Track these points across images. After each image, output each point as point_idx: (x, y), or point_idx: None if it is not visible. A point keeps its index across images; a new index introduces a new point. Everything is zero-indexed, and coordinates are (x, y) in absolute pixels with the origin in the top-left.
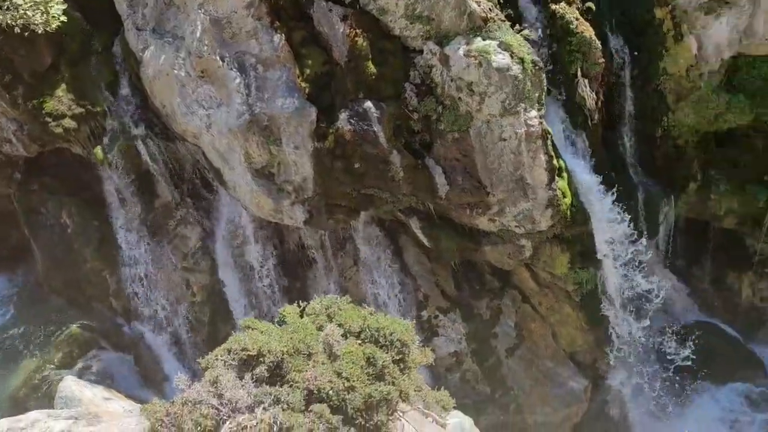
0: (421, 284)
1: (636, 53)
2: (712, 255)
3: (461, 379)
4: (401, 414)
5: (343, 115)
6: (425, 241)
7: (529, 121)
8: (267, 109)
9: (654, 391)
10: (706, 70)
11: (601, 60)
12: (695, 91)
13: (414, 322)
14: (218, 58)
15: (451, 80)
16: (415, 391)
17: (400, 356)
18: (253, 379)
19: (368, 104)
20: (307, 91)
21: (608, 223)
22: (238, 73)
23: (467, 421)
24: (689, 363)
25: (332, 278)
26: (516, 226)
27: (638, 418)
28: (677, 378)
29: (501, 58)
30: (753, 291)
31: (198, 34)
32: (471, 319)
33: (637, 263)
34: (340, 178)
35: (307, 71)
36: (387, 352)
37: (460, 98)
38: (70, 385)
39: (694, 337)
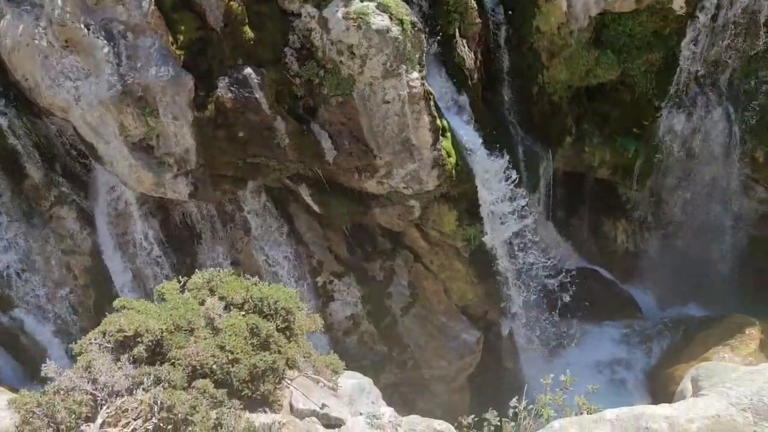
0: (314, 251)
1: (510, 13)
2: (589, 205)
3: (359, 341)
4: (289, 381)
5: (223, 83)
6: (315, 207)
7: (411, 83)
8: (140, 78)
9: (542, 336)
10: (576, 27)
11: (478, 20)
12: (567, 48)
13: (309, 288)
14: (82, 26)
15: (332, 44)
16: (304, 357)
17: (286, 324)
18: (131, 360)
19: (248, 70)
20: (182, 58)
21: (490, 180)
22: (105, 42)
23: (366, 382)
24: (573, 307)
25: (223, 251)
26: (404, 188)
27: (528, 363)
28: (563, 322)
29: (380, 20)
30: (627, 237)
31: (59, 1)
32: (365, 282)
33: (520, 217)
34: (223, 148)
35: (181, 38)
36: (272, 321)
37: (341, 62)
38: None
39: (576, 282)
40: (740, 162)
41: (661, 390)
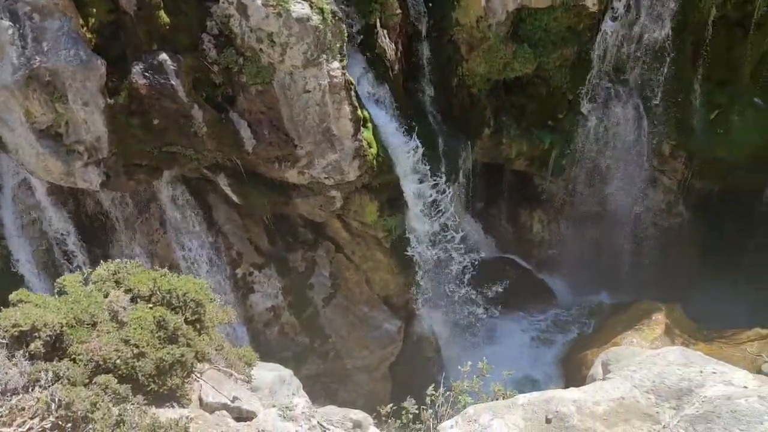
0: (233, 242)
1: (431, 5)
2: (506, 196)
3: (280, 332)
4: (199, 375)
5: (137, 68)
6: (235, 197)
7: (332, 72)
8: (48, 62)
9: (460, 324)
10: (494, 21)
11: (398, 11)
12: (485, 42)
13: (228, 280)
14: None
15: (251, 31)
16: (216, 350)
17: (196, 316)
18: (27, 356)
19: (164, 56)
20: (93, 42)
21: (411, 171)
22: (10, 23)
23: (287, 374)
24: (491, 296)
25: (138, 242)
26: (325, 178)
27: (448, 351)
28: (481, 311)
29: (300, 8)
30: (542, 227)
31: None
32: (286, 273)
33: (440, 208)
34: (138, 136)
35: (92, 21)
36: (181, 314)
37: (261, 49)
38: None
39: (494, 271)
40: (648, 154)
41: (574, 374)
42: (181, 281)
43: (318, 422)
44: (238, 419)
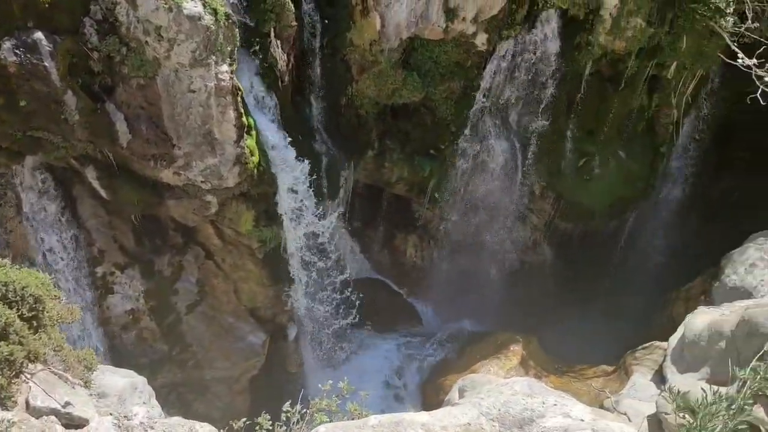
0: (96, 238)
1: (327, 21)
2: (384, 218)
3: (138, 337)
4: (29, 376)
5: (7, 45)
6: (103, 192)
7: (219, 75)
8: None
9: (327, 343)
10: (387, 47)
11: (294, 23)
12: (377, 66)
13: (87, 278)
14: None
15: (138, 21)
16: (54, 351)
17: (33, 313)
18: None
19: (39, 35)
20: None
21: (291, 184)
22: None
23: (140, 381)
24: (359, 316)
25: None
26: (202, 182)
27: (312, 368)
28: (348, 331)
29: (193, 6)
30: (415, 251)
31: None
32: (151, 276)
33: (317, 223)
34: (1, 117)
35: None
36: (16, 309)
37: (147, 42)
38: None
39: (365, 292)
40: (521, 192)
41: (432, 399)
42: (21, 274)
43: None
44: (68, 426)
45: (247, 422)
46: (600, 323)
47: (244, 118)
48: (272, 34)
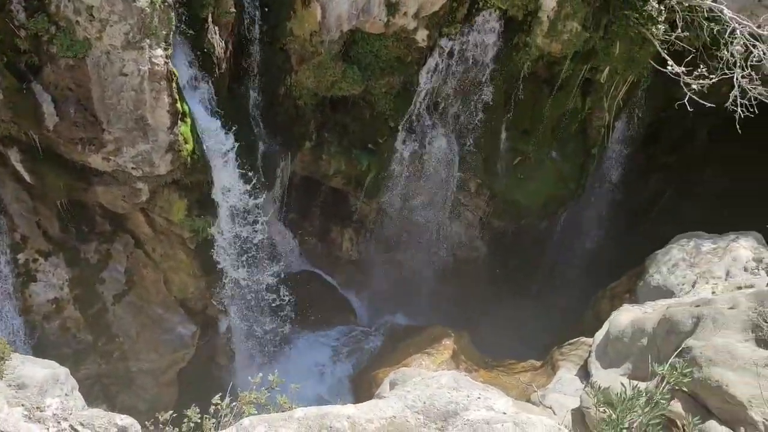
0: (18, 224)
1: (267, 10)
2: (321, 211)
3: (61, 327)
4: None
5: None
6: (27, 176)
7: (154, 59)
8: None
9: (259, 336)
10: (328, 38)
11: (232, 9)
12: (316, 57)
13: (8, 265)
14: None
15: (69, 0)
16: None
17: None
18: None
19: None
20: None
21: (226, 173)
22: None
23: (62, 372)
24: (292, 309)
25: None
26: (133, 168)
27: (243, 362)
28: (281, 323)
29: None
30: (351, 245)
31: None
32: (76, 264)
33: (252, 215)
34: None
35: None
36: None
37: (78, 22)
38: None
39: (298, 284)
40: (456, 189)
41: (364, 392)
42: None
43: (71, 425)
44: None
45: (174, 415)
46: (530, 319)
47: (178, 105)
48: (210, 19)
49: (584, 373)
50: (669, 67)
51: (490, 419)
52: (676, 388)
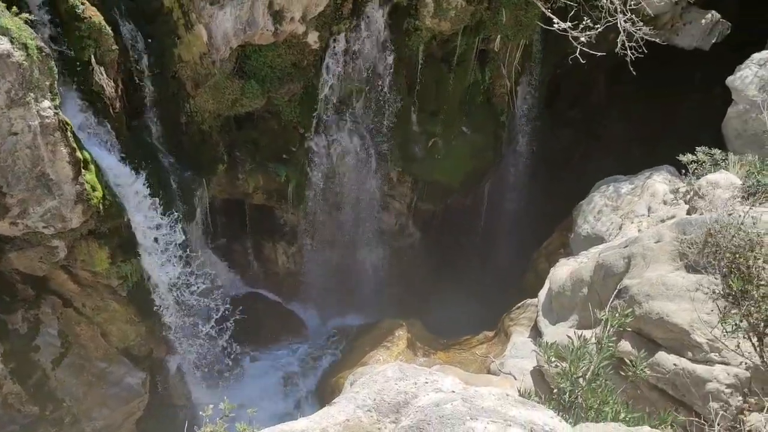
0: None
1: (150, 40)
2: (249, 230)
3: (3, 404)
4: None
5: None
6: None
7: (42, 113)
8: None
9: (211, 367)
10: (218, 58)
11: (114, 47)
12: (211, 78)
13: None
14: None
15: None
16: None
17: None
18: None
19: None
20: None
21: (143, 212)
22: None
23: None
24: (241, 333)
25: None
26: (44, 227)
27: (201, 396)
28: (232, 350)
29: (0, 44)
30: (287, 257)
31: None
32: (6, 337)
33: (178, 248)
34: None
35: None
36: None
37: None
38: None
39: (242, 308)
40: (379, 182)
41: (328, 400)
42: None
43: None
44: None
45: None
46: (475, 292)
47: (78, 153)
48: (93, 60)
49: (536, 333)
50: (555, 25)
51: (440, 401)
52: (621, 329)
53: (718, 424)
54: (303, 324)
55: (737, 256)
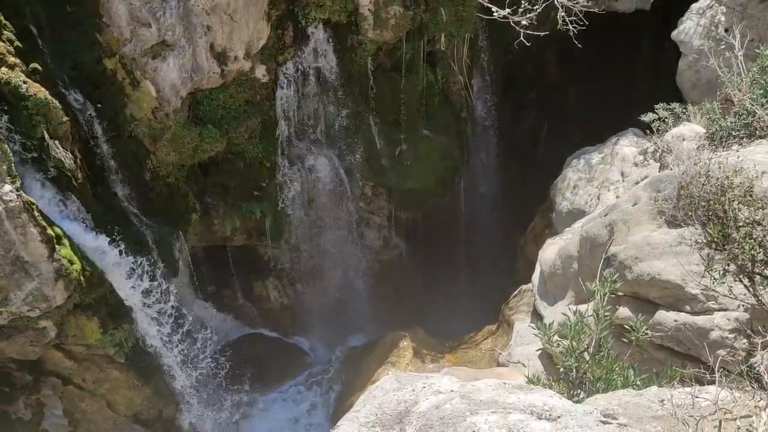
0: None
1: (99, 105)
2: (236, 273)
3: None
4: None
5: None
6: None
7: (5, 197)
8: None
9: (225, 415)
10: (171, 109)
11: (65, 118)
12: (168, 131)
13: None
14: None
15: None
16: None
17: None
18: None
19: None
20: None
21: (125, 278)
22: None
23: None
24: (247, 376)
25: None
26: (29, 310)
27: None
28: (241, 394)
29: None
30: (278, 292)
31: None
32: (11, 428)
33: (168, 305)
34: None
35: None
36: None
37: None
38: None
39: (243, 350)
40: (355, 199)
41: None
42: None
43: None
44: None
45: None
46: (470, 290)
47: (49, 230)
48: (47, 136)
49: (537, 317)
50: (495, 14)
51: (439, 402)
52: (614, 295)
53: (726, 369)
54: (306, 354)
55: (711, 203)
